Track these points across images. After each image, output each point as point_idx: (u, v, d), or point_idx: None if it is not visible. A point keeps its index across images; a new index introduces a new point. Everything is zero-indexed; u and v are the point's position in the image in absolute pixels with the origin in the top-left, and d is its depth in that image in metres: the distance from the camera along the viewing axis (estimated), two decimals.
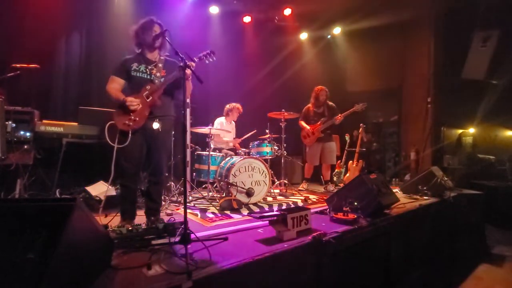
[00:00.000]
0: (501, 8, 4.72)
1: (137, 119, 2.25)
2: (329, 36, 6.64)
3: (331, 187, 4.59)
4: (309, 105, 4.75)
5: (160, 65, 2.39)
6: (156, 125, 2.32)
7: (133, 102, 2.23)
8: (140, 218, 2.40)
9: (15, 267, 1.03)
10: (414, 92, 5.69)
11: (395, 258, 2.63)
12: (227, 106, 4.62)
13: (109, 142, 2.21)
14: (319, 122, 4.55)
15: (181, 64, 1.94)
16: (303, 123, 4.69)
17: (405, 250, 2.81)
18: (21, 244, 1.06)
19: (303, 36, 6.56)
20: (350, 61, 6.53)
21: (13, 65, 2.87)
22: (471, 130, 5.74)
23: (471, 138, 5.75)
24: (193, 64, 2.38)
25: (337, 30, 6.45)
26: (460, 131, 5.76)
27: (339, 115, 4.44)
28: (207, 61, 2.53)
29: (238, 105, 4.60)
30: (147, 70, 2.35)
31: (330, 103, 4.68)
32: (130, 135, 2.22)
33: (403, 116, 5.99)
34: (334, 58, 6.64)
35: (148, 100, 2.30)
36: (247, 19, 5.87)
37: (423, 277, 2.86)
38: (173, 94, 2.49)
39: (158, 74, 2.37)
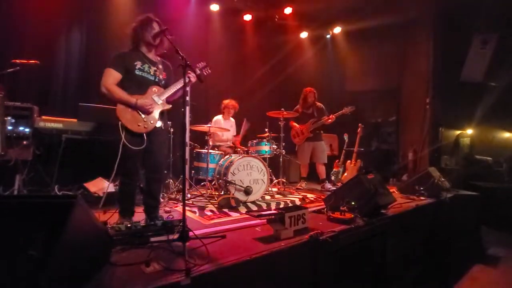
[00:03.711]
0: (501, 11, 4.74)
1: (152, 121, 2.26)
2: (328, 36, 6.64)
3: (328, 185, 4.63)
4: (298, 106, 4.79)
5: (160, 66, 2.39)
6: (159, 123, 2.34)
7: (152, 107, 2.24)
8: (138, 215, 2.41)
9: (16, 264, 1.04)
10: (413, 93, 5.71)
11: (391, 258, 2.66)
12: (223, 102, 4.64)
13: (126, 143, 2.16)
14: (308, 122, 4.61)
15: (182, 63, 1.93)
16: (293, 123, 4.75)
17: (401, 250, 2.84)
18: (22, 240, 1.07)
19: (304, 35, 6.56)
20: (349, 61, 6.54)
21: (13, 60, 2.86)
22: (469, 131, 5.77)
23: (468, 139, 5.79)
24: (194, 75, 2.37)
25: (337, 30, 6.45)
26: (458, 132, 5.79)
27: (331, 115, 4.50)
28: (205, 73, 2.54)
29: (229, 102, 4.59)
30: (151, 70, 2.33)
31: (319, 104, 4.75)
32: (145, 137, 2.23)
33: (401, 116, 6.01)
34: (334, 57, 6.64)
35: (159, 104, 2.31)
36: (247, 17, 5.86)
37: (418, 277, 2.90)
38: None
39: (160, 76, 2.37)
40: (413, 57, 5.72)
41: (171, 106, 2.41)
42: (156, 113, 2.30)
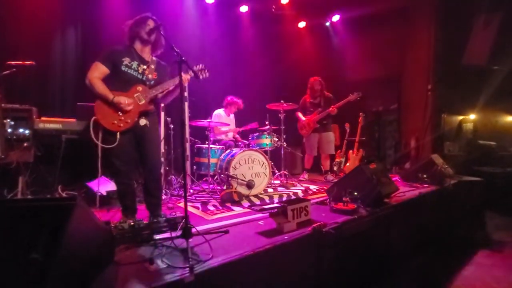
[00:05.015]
0: None
1: (128, 121, 2.18)
2: (327, 24, 6.54)
3: (330, 177, 4.62)
4: (306, 96, 4.75)
5: (152, 66, 2.34)
6: (143, 122, 2.27)
7: (129, 105, 2.16)
8: (143, 212, 2.41)
9: (20, 268, 1.04)
10: (414, 79, 5.64)
11: (395, 246, 2.67)
12: (228, 98, 4.61)
13: (95, 140, 2.12)
14: (314, 113, 4.56)
15: (177, 60, 1.90)
16: (299, 114, 4.71)
17: (405, 238, 2.84)
18: (24, 244, 1.07)
19: (302, 25, 6.46)
20: (349, 50, 6.44)
21: (8, 62, 2.84)
22: (472, 116, 5.71)
23: (471, 124, 5.73)
24: (188, 77, 2.35)
25: (335, 18, 6.34)
26: (460, 117, 5.74)
27: (333, 106, 4.44)
28: (201, 77, 2.42)
29: (238, 101, 4.59)
30: (139, 68, 2.27)
31: (327, 93, 4.67)
32: (119, 135, 2.15)
33: (403, 104, 5.95)
34: (333, 46, 6.56)
35: (140, 104, 2.23)
36: (243, 8, 5.76)
37: (422, 264, 2.90)
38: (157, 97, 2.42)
39: (150, 76, 2.31)
40: (414, 43, 5.62)
41: (153, 107, 2.34)
42: (135, 113, 2.22)
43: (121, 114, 2.17)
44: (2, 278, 1.04)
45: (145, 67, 2.30)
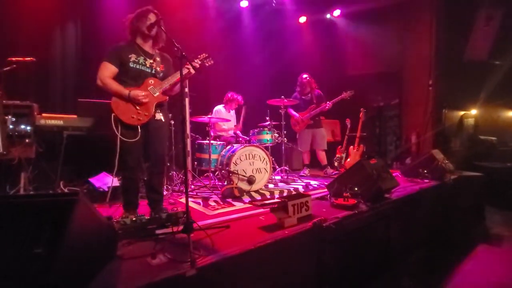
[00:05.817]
0: None
1: (146, 113, 2.25)
2: (328, 17, 6.49)
3: (330, 170, 4.66)
4: (296, 93, 4.79)
5: (158, 59, 2.37)
6: (159, 116, 2.33)
7: (146, 97, 2.21)
8: (145, 207, 2.42)
9: (23, 262, 1.06)
10: (415, 75, 5.61)
11: (395, 241, 2.68)
12: (229, 95, 4.60)
13: (121, 137, 2.15)
14: (308, 110, 4.61)
15: (178, 55, 1.89)
16: (291, 111, 4.73)
17: (405, 233, 2.85)
18: (27, 239, 1.09)
19: (302, 19, 6.41)
20: (350, 44, 6.41)
21: (9, 58, 2.84)
22: (473, 111, 5.69)
23: (472, 119, 5.71)
24: (196, 67, 2.42)
25: (336, 13, 6.30)
26: (462, 113, 5.72)
27: (328, 102, 4.49)
28: (207, 64, 2.55)
29: (238, 98, 4.59)
30: (147, 62, 2.31)
31: (317, 90, 4.73)
32: (140, 129, 2.21)
33: (404, 99, 5.93)
34: (334, 41, 6.52)
35: (155, 96, 2.29)
36: (244, 3, 5.73)
37: (422, 259, 2.92)
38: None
39: (158, 69, 2.36)
40: (415, 38, 5.58)
41: (167, 98, 2.40)
42: (151, 105, 2.28)
43: (138, 107, 2.23)
44: (7, 272, 1.06)
45: (151, 60, 2.34)
